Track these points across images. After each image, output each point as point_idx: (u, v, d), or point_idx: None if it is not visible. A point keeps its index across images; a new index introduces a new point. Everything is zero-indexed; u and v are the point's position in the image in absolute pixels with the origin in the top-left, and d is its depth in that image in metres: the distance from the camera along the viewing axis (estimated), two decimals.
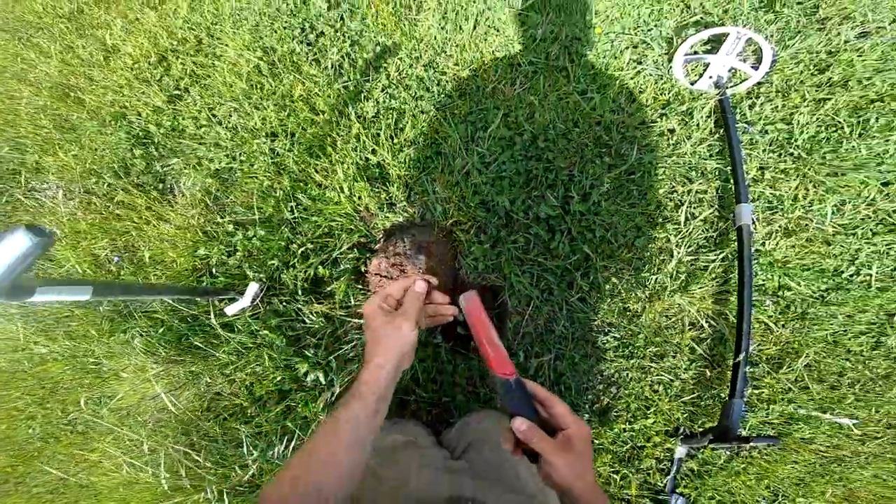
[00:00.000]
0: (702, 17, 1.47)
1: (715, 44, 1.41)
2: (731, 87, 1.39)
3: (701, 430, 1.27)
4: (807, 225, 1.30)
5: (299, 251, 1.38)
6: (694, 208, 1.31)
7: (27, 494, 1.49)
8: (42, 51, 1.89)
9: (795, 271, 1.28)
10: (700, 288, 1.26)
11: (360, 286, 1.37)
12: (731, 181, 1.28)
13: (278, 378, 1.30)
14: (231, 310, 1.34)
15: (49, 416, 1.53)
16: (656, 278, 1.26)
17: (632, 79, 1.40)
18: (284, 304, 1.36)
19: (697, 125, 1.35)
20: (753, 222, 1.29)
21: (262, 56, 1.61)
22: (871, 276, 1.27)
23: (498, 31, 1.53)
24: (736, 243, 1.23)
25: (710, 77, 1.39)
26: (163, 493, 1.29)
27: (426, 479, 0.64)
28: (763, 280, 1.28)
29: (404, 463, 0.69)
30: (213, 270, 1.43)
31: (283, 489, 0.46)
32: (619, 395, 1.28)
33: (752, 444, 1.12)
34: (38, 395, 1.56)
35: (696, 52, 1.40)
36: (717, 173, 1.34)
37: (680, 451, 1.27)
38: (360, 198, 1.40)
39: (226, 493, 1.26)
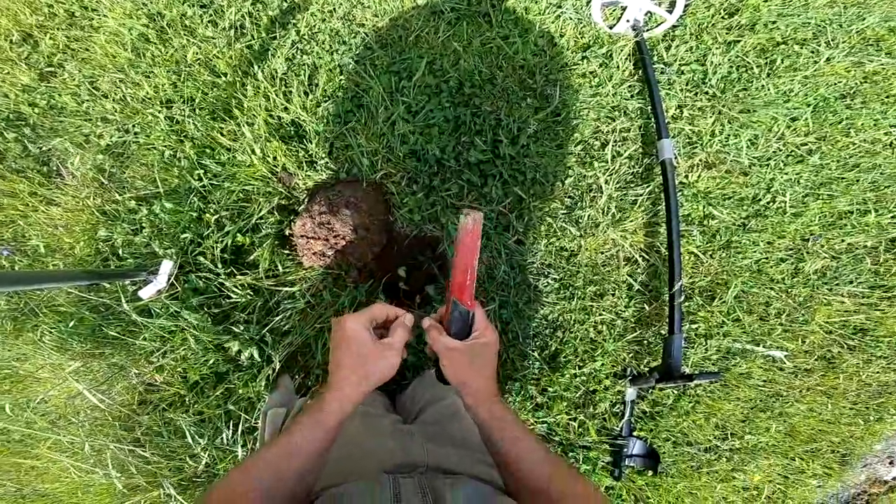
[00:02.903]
0: None
1: None
2: (648, 30, 1.42)
3: (647, 369, 1.27)
4: (725, 157, 1.35)
5: (213, 220, 1.24)
6: (619, 146, 1.32)
7: None
8: None
9: (718, 200, 1.32)
10: (631, 222, 1.26)
11: (286, 251, 1.26)
12: (653, 119, 1.30)
13: (210, 360, 1.19)
14: (146, 293, 1.21)
15: None
16: (588, 214, 1.25)
17: (552, 23, 1.39)
18: (204, 280, 1.23)
19: (617, 67, 1.36)
20: (675, 157, 1.31)
21: (147, 24, 1.43)
22: (785, 202, 1.34)
23: None
24: (661, 177, 1.25)
25: (628, 21, 1.41)
26: (121, 494, 1.23)
27: (375, 448, 0.61)
28: (689, 210, 1.31)
29: (352, 433, 0.63)
30: (120, 252, 1.29)
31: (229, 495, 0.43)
32: (565, 339, 1.25)
33: (696, 381, 1.12)
34: None
35: None
36: (638, 112, 1.35)
37: (630, 392, 1.26)
38: (275, 158, 1.27)
39: (184, 486, 1.20)
